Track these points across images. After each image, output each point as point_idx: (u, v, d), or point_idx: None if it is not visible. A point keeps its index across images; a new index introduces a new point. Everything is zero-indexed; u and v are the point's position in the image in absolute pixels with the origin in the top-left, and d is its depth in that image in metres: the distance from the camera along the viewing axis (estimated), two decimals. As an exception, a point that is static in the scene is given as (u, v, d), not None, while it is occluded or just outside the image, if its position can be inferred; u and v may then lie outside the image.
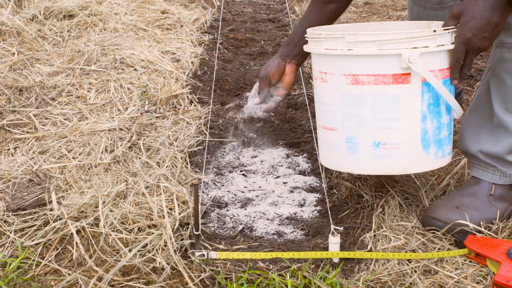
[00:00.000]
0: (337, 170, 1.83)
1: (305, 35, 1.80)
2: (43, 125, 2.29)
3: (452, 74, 1.69)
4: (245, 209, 1.99)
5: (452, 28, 1.65)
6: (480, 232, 1.76)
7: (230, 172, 2.21)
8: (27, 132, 2.25)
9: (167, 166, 2.04)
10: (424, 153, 1.71)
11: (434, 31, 1.63)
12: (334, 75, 1.69)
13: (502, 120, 1.77)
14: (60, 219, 1.77)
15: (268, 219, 1.93)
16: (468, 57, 1.66)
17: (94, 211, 1.77)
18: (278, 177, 2.18)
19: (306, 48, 1.81)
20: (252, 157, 2.32)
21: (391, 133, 1.67)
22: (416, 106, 1.66)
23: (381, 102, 1.65)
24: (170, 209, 1.80)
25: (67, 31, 3.06)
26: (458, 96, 2.50)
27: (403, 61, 1.61)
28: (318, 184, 2.13)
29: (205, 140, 2.30)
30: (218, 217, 1.94)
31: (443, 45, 1.64)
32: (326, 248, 1.75)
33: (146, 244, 1.68)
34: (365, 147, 1.70)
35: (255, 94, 2.24)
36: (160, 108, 2.44)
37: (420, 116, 1.67)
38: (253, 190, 2.09)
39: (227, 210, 1.98)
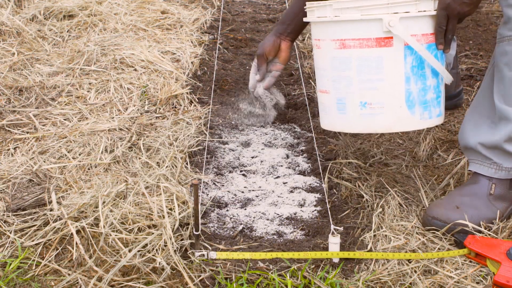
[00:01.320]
0: (331, 130, 1.97)
1: (304, 8, 1.92)
2: (43, 125, 2.29)
3: (436, 39, 1.79)
4: (245, 209, 1.99)
5: None
6: (480, 232, 1.77)
7: (230, 172, 2.21)
8: (27, 132, 2.25)
9: (167, 166, 2.04)
10: (409, 113, 1.80)
11: None
12: (325, 41, 1.83)
13: (502, 111, 1.78)
14: (60, 219, 1.77)
15: (268, 219, 1.93)
16: (450, 22, 1.76)
17: (94, 211, 1.77)
18: (278, 177, 2.18)
19: (305, 19, 1.93)
20: (252, 157, 2.32)
21: (376, 93, 1.78)
22: (399, 68, 1.76)
23: (366, 64, 1.77)
24: (170, 209, 1.80)
25: (67, 31, 3.06)
26: (458, 96, 2.49)
27: (384, 25, 1.72)
28: (318, 184, 2.13)
29: (205, 140, 2.30)
30: (218, 217, 1.94)
31: (424, 10, 1.75)
32: (326, 248, 1.75)
33: (146, 244, 1.68)
34: (353, 107, 1.81)
35: (255, 72, 2.41)
36: (160, 108, 2.44)
37: (404, 78, 1.77)
38: (253, 190, 2.09)
39: (227, 210, 1.98)
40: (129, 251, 1.65)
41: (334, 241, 1.71)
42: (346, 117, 1.84)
